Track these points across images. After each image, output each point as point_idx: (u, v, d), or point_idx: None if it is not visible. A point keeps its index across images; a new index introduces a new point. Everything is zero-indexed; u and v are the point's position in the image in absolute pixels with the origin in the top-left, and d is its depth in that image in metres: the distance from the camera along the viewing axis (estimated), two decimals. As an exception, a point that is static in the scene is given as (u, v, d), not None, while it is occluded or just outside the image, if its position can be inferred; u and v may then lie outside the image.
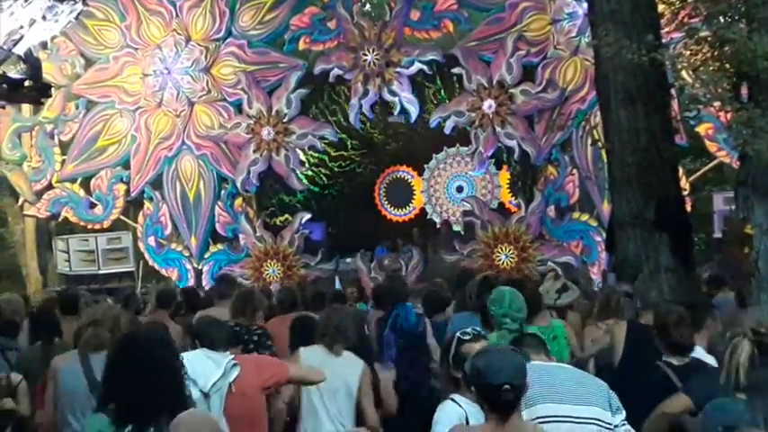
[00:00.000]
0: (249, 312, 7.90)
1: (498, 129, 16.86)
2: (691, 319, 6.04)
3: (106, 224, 18.43)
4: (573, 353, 7.52)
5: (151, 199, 18.30)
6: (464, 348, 4.80)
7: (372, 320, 8.89)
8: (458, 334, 4.95)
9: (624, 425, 4.73)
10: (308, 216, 18.37)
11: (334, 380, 6.35)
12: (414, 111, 17.61)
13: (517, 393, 4.00)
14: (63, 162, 18.37)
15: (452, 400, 4.71)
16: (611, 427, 4.64)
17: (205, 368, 5.66)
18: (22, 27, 12.43)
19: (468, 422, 4.51)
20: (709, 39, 7.76)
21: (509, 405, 4.00)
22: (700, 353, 6.04)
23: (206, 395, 5.60)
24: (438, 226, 20.04)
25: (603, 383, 4.86)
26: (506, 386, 3.96)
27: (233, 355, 5.88)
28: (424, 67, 17.37)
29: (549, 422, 4.46)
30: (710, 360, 5.90)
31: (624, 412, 4.76)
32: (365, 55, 17.39)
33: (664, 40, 9.24)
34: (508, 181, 20.08)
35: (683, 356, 5.82)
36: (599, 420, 4.61)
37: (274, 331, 7.84)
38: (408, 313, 8.23)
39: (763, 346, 4.75)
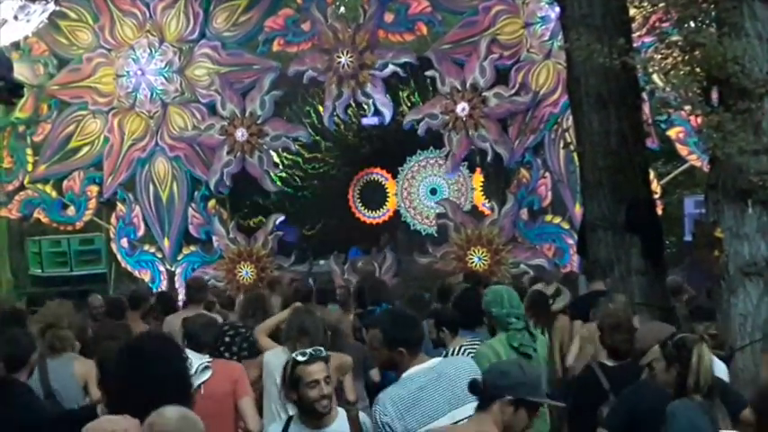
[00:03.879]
0: (259, 315, 7.97)
1: (471, 131, 16.90)
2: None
3: (79, 225, 18.33)
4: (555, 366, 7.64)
5: (124, 200, 18.22)
6: (298, 371, 4.72)
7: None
8: (293, 355, 4.85)
9: None
10: (281, 218, 18.37)
11: None
12: (387, 113, 17.64)
13: (479, 389, 4.05)
14: (35, 163, 18.26)
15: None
16: None
17: None
18: (-7, 27, 12.36)
19: None
20: (679, 43, 7.81)
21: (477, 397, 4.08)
22: None
23: None
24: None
25: (472, 365, 4.86)
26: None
27: (208, 359, 5.90)
28: (398, 70, 17.39)
29: None
30: None
31: None
32: (339, 57, 17.40)
33: (635, 45, 9.29)
34: (481, 184, 20.17)
35: (618, 359, 5.94)
36: None
37: None
38: None
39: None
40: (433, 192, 20.80)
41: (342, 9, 18.05)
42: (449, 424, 4.46)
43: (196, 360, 5.77)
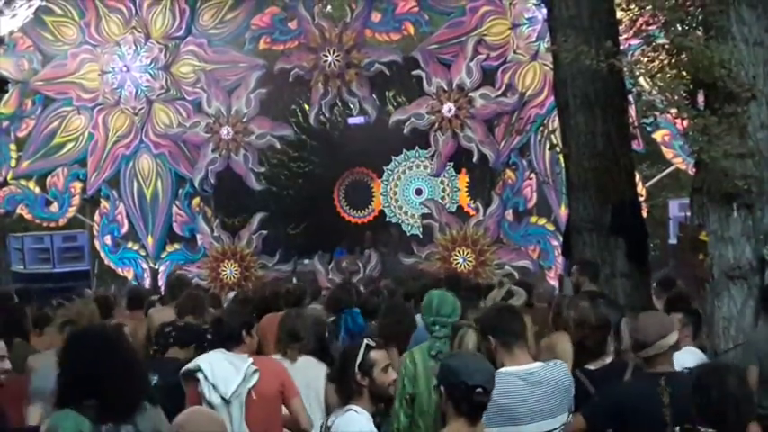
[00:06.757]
0: (198, 312, 7.89)
1: (458, 132, 16.91)
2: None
3: (62, 222, 18.26)
4: None
5: (108, 197, 18.16)
6: (372, 355, 4.62)
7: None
8: (366, 341, 4.76)
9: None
10: (261, 215, 18.31)
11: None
12: (373, 112, 17.62)
13: (488, 398, 4.06)
14: (19, 159, 18.18)
15: (354, 411, 4.51)
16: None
17: (226, 373, 5.59)
18: (-22, 22, 12.30)
19: None
20: (666, 46, 7.79)
21: (481, 407, 4.05)
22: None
23: (227, 401, 5.54)
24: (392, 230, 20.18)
25: (570, 383, 4.91)
26: (479, 389, 4.01)
27: (251, 359, 5.78)
28: (385, 69, 17.38)
29: None
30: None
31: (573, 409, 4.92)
32: (325, 56, 17.37)
33: (622, 47, 9.27)
34: (467, 184, 20.14)
35: (600, 360, 5.83)
36: (563, 426, 4.77)
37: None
38: (356, 317, 8.47)
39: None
40: (419, 192, 20.78)
41: (329, 8, 18.02)
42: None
43: (241, 363, 5.65)
